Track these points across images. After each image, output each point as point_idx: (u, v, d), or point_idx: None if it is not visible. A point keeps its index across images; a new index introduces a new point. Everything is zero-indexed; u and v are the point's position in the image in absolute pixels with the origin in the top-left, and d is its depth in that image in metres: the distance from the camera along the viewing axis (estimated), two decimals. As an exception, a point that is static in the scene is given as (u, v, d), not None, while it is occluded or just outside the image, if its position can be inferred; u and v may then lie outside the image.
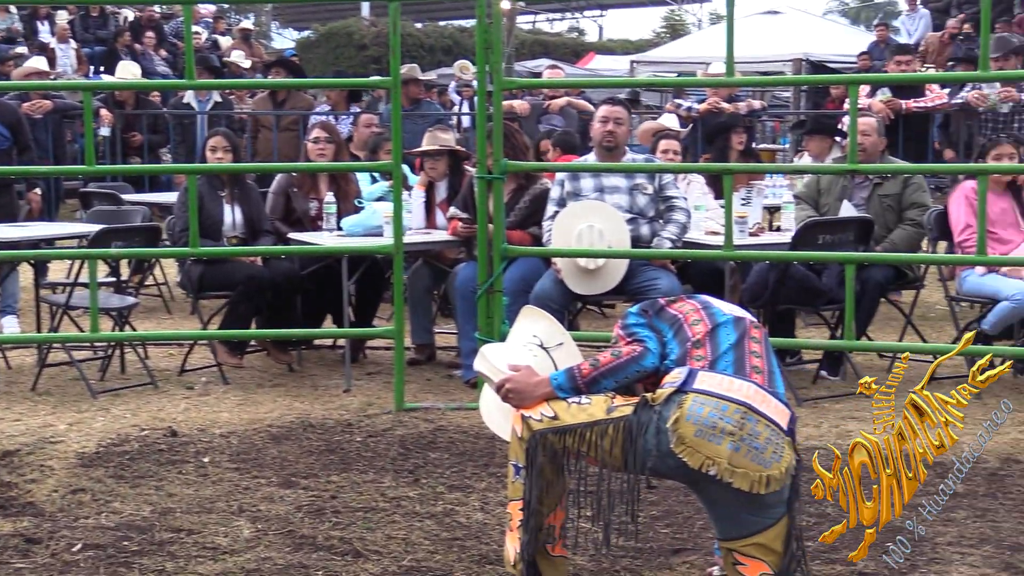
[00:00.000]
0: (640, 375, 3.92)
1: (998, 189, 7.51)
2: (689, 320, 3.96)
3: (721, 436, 3.65)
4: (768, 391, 3.77)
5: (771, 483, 3.67)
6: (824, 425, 6.51)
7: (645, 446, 3.72)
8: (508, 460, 3.98)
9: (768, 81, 17.30)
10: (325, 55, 30.71)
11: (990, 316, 7.37)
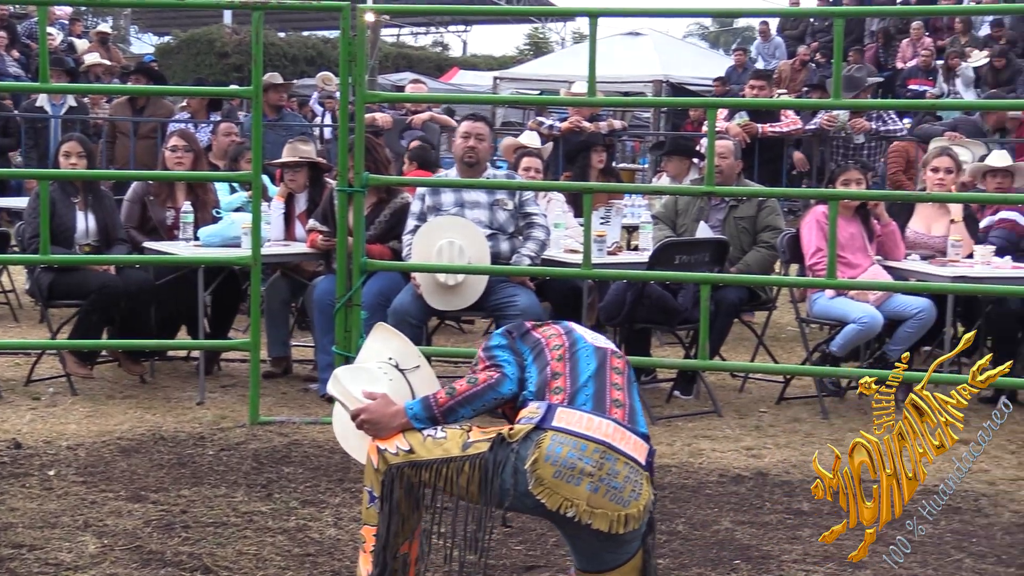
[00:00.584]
0: (498, 402, 3.91)
1: (848, 214, 7.70)
2: (551, 345, 3.95)
3: (580, 477, 3.63)
4: (627, 427, 3.78)
5: (629, 522, 3.69)
6: (677, 443, 6.60)
7: (503, 485, 3.69)
8: (364, 484, 3.95)
9: (629, 102, 17.55)
10: (186, 62, 30.27)
11: (838, 338, 7.55)
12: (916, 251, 8.07)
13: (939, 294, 7.45)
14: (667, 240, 7.69)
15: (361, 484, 4.01)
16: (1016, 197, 8.46)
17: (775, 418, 7.27)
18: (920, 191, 8.58)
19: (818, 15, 19.85)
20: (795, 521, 5.29)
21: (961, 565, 4.79)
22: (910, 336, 7.62)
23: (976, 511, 5.52)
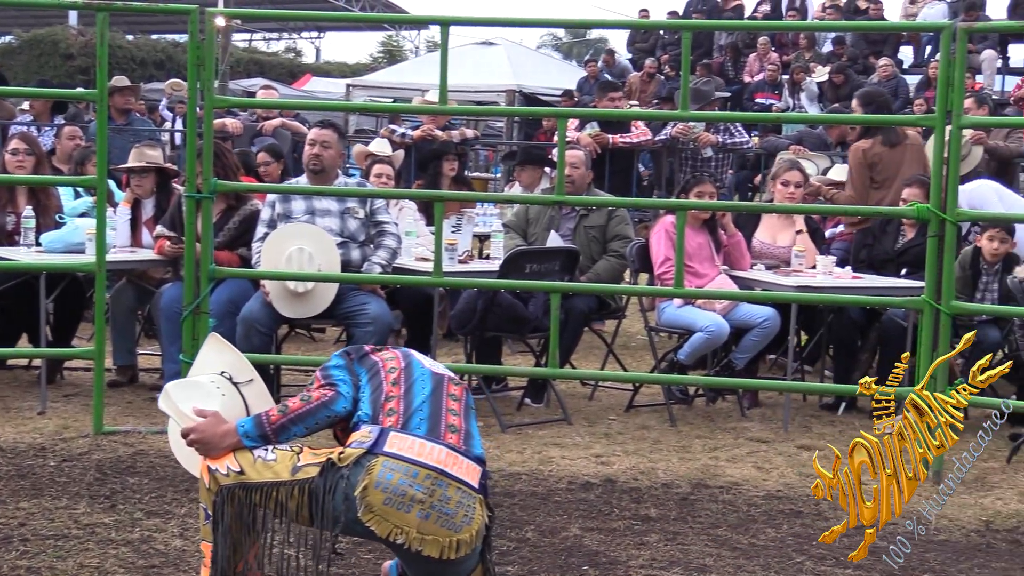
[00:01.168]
0: (331, 420, 3.89)
1: (696, 225, 7.84)
2: (387, 368, 3.95)
3: (411, 504, 3.63)
4: (461, 451, 3.79)
5: (461, 547, 3.70)
6: (527, 451, 6.63)
7: (334, 511, 3.67)
8: (200, 501, 3.90)
9: (481, 111, 17.59)
10: (28, 63, 29.53)
11: (686, 347, 7.67)
12: (762, 261, 8.24)
13: (783, 303, 7.61)
14: (518, 249, 7.73)
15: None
16: (858, 209, 8.70)
17: (624, 425, 7.36)
18: (767, 202, 8.76)
19: (667, 28, 20.14)
20: (642, 527, 5.35)
21: (802, 567, 4.89)
22: (755, 344, 7.79)
23: (816, 515, 5.64)
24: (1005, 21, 17.91)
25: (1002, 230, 7.69)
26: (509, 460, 6.43)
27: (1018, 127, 11.03)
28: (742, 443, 6.99)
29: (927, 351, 6.29)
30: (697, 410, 7.84)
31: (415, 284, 7.57)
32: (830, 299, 7.62)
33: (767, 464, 6.52)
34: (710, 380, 7.69)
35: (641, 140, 12.21)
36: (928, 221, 6.35)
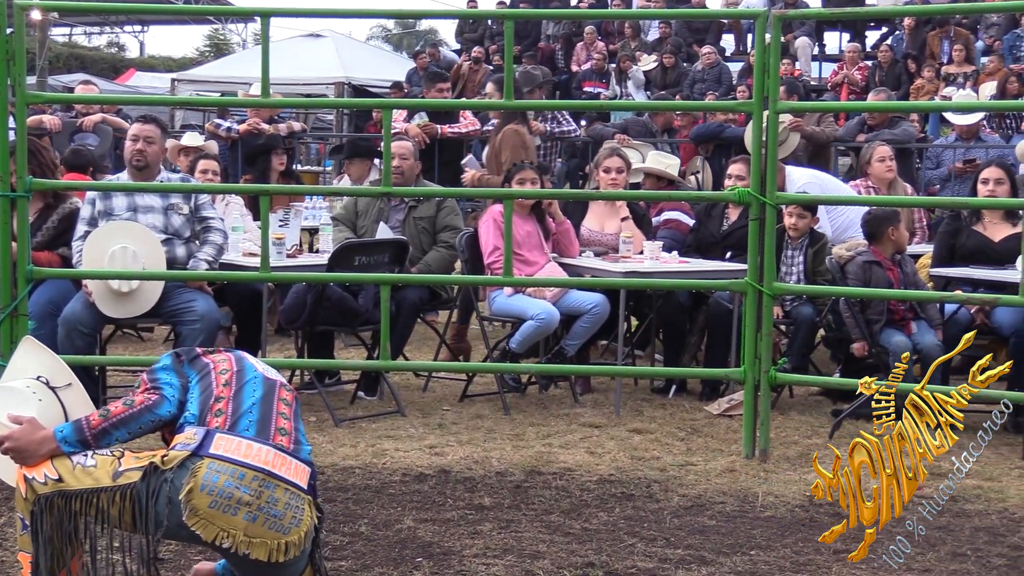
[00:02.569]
0: (155, 424, 3.80)
1: (523, 213, 7.88)
2: (218, 369, 3.88)
3: (237, 506, 3.57)
4: (289, 453, 3.74)
5: (290, 549, 3.66)
6: (361, 444, 6.60)
7: (157, 516, 3.59)
8: (16, 511, 3.78)
9: (306, 103, 17.41)
10: None
11: (517, 335, 7.72)
12: (590, 248, 8.32)
13: (612, 289, 7.71)
14: (346, 242, 7.68)
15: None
16: (680, 194, 8.86)
17: (458, 416, 7.36)
18: (593, 190, 8.85)
19: (492, 17, 20.21)
20: (476, 516, 5.36)
21: (633, 549, 4.96)
22: (586, 331, 7.87)
23: (648, 497, 5.73)
24: (818, 9, 18.39)
25: (799, 206, 7.89)
26: (343, 454, 6.38)
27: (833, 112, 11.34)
28: (575, 429, 7.05)
29: (751, 332, 6.43)
30: (530, 398, 7.89)
31: (243, 280, 7.46)
32: (658, 284, 7.75)
33: (600, 449, 6.60)
34: (542, 367, 7.74)
35: (470, 130, 12.22)
36: (749, 205, 6.48)
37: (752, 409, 6.44)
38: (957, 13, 18.64)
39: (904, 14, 19.26)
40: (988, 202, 7.68)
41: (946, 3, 10.83)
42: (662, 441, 6.80)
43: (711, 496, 5.74)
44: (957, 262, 7.67)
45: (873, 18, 20.79)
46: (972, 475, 6.11)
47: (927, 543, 5.07)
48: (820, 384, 7.82)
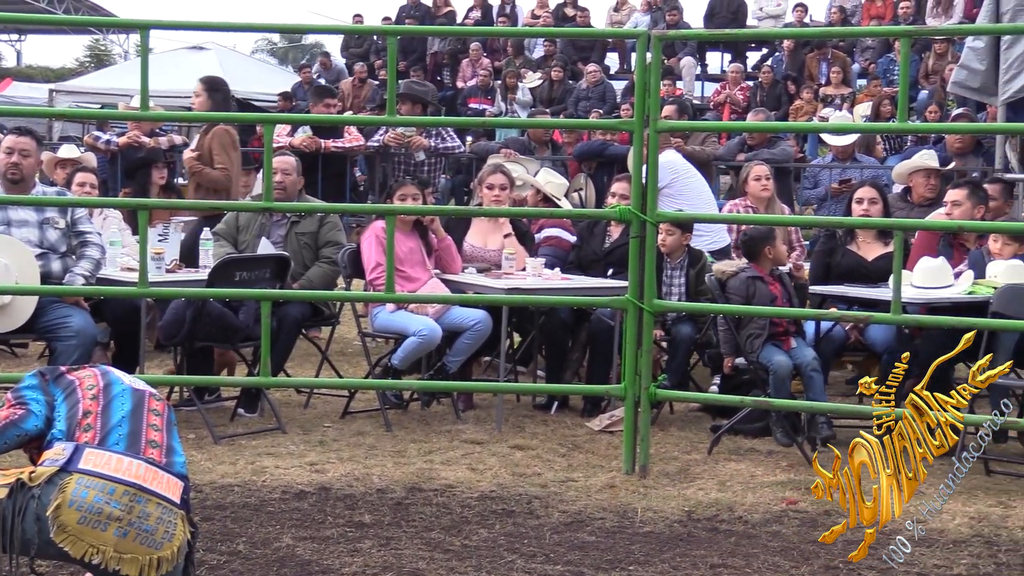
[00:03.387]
0: (21, 440, 3.73)
1: (406, 229, 7.87)
2: (84, 385, 3.82)
3: (107, 522, 3.52)
4: (162, 467, 3.69)
5: (162, 564, 3.61)
6: (240, 462, 6.52)
7: (24, 534, 3.52)
8: None
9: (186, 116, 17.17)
10: None
11: (399, 351, 7.70)
12: (473, 264, 8.33)
13: (495, 305, 7.73)
14: (227, 257, 7.60)
15: None
16: (562, 212, 8.93)
17: (340, 432, 7.32)
18: (476, 206, 8.87)
19: (376, 33, 20.18)
20: (356, 534, 5.33)
21: (513, 566, 4.97)
22: (468, 347, 7.88)
23: (528, 513, 5.74)
24: (699, 30, 18.67)
25: (668, 223, 7.97)
26: (221, 472, 6.31)
27: (713, 131, 11.52)
28: (457, 445, 7.05)
29: (632, 348, 6.49)
30: (412, 414, 7.87)
31: (120, 295, 7.33)
32: (540, 300, 7.78)
33: (481, 465, 6.60)
34: (424, 384, 7.73)
35: (354, 145, 12.19)
36: (630, 222, 6.55)
37: (632, 425, 6.49)
38: (833, 36, 19.08)
39: (783, 36, 19.66)
40: (862, 222, 7.84)
41: (823, 27, 11.03)
42: (543, 457, 6.83)
43: (591, 512, 5.78)
44: (833, 280, 7.82)
45: (754, 40, 21.18)
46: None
47: (802, 557, 5.16)
48: (699, 400, 7.91)
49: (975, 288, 7.18)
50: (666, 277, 8.08)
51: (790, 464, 6.76)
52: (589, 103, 18.25)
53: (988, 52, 11.27)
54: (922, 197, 8.85)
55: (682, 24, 19.82)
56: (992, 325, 6.68)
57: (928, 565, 5.09)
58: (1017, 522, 5.66)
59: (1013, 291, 6.96)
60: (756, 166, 9.20)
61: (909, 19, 18.33)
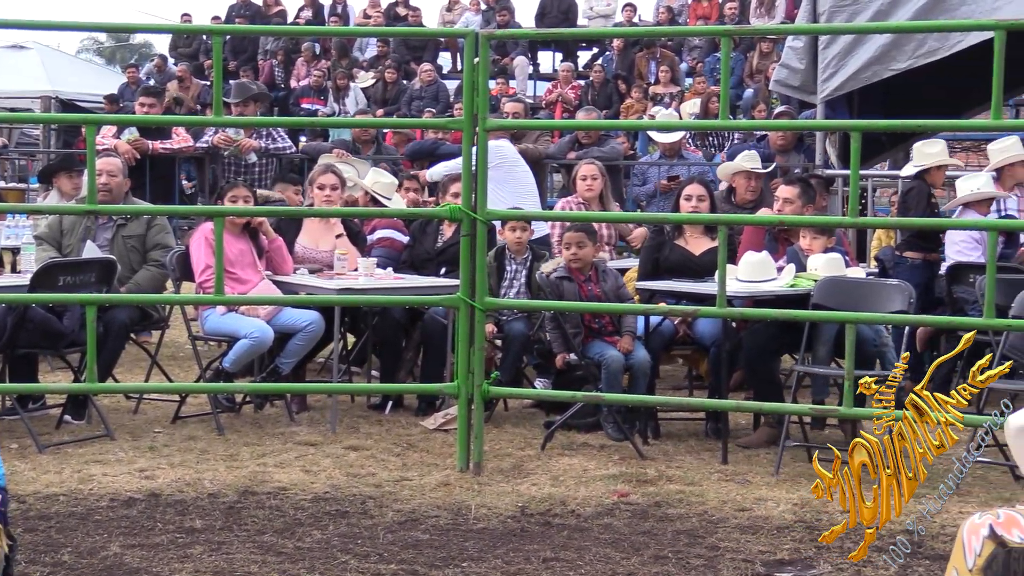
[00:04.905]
0: None
1: (235, 230, 7.78)
2: None
3: None
4: None
5: None
6: (66, 470, 6.37)
7: None
8: None
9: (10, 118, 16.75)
10: None
11: (231, 354, 7.61)
12: (305, 265, 8.27)
13: (327, 306, 7.69)
14: (49, 261, 7.41)
15: None
16: (393, 211, 8.92)
17: (170, 437, 7.20)
18: (308, 206, 8.80)
19: (205, 32, 19.88)
20: (187, 540, 5.26)
21: (347, 567, 4.96)
22: (301, 348, 7.82)
23: (362, 513, 5.73)
24: (528, 29, 18.83)
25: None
26: (46, 481, 6.15)
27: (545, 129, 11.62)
28: (291, 447, 7.00)
29: (464, 346, 6.52)
30: (245, 417, 7.79)
31: (-63, 302, 7.10)
32: (372, 300, 7.77)
33: (315, 467, 6.56)
34: (257, 387, 7.66)
35: (182, 147, 12.00)
36: (461, 221, 6.58)
37: (466, 423, 6.52)
38: (661, 36, 19.43)
39: (612, 35, 19.92)
40: (689, 218, 7.99)
41: (651, 26, 11.23)
42: (378, 457, 6.82)
43: (425, 510, 5.79)
44: (661, 275, 7.96)
45: (583, 39, 21.42)
46: (675, 480, 6.36)
47: (632, 548, 5.25)
48: (532, 397, 7.99)
49: (797, 281, 7.38)
50: (508, 273, 8.13)
51: (622, 458, 6.87)
52: (422, 103, 18.25)
53: (807, 51, 11.61)
54: (743, 199, 9.06)
55: (513, 24, 19.95)
56: (813, 317, 6.90)
57: (753, 551, 5.23)
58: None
59: (833, 283, 7.19)
60: (583, 165, 9.30)
61: (734, 19, 18.75)
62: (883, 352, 7.28)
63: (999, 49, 5.86)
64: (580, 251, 7.54)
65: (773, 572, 4.97)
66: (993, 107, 6.02)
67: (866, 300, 7.02)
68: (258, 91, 12.04)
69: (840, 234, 8.30)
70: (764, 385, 7.32)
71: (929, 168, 8.86)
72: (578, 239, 7.54)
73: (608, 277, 7.67)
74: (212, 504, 5.82)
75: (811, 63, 11.53)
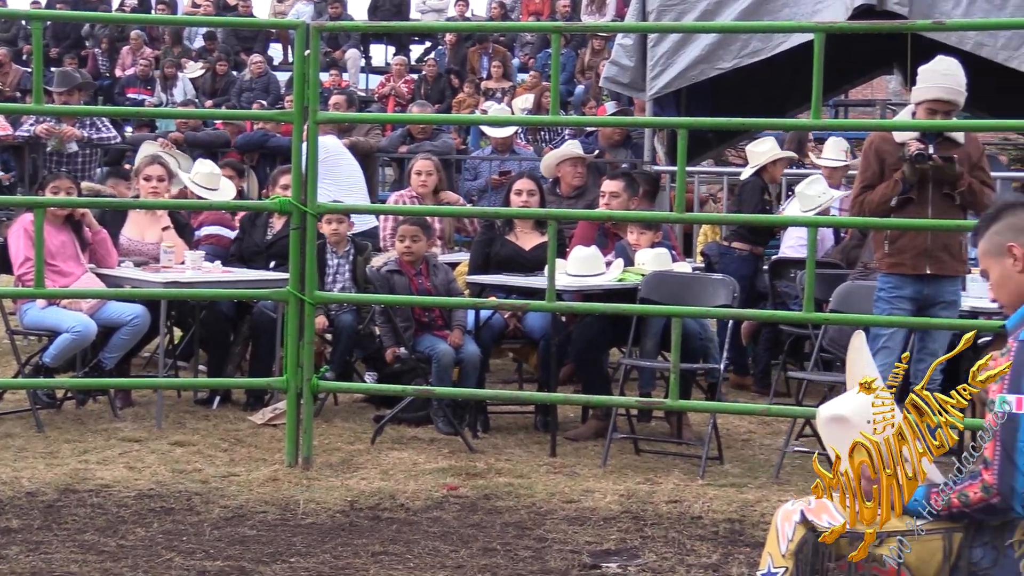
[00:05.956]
0: None
1: (57, 222, 7.57)
2: None
3: None
4: None
5: None
6: None
7: None
8: None
9: None
10: None
11: (51, 348, 7.40)
12: (130, 258, 8.10)
13: (153, 300, 7.54)
14: None
15: None
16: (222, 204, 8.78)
17: (-12, 435, 6.99)
18: (134, 198, 8.59)
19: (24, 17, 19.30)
20: (3, 540, 5.11)
21: (171, 564, 4.87)
22: (125, 343, 7.66)
23: (188, 510, 5.64)
24: (358, 22, 18.75)
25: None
26: None
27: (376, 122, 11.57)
28: (114, 444, 6.84)
29: (294, 340, 6.46)
30: (66, 414, 7.59)
31: None
32: (200, 294, 7.66)
33: (139, 463, 6.43)
34: (79, 382, 7.47)
35: (1, 135, 11.63)
36: (291, 214, 6.51)
37: (295, 417, 6.47)
38: (493, 31, 19.54)
39: (445, 30, 19.94)
40: (519, 212, 8.04)
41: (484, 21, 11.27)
42: (205, 453, 6.71)
43: (253, 506, 5.72)
44: (492, 269, 8.00)
45: (416, 33, 21.39)
46: (504, 473, 6.40)
47: (461, 540, 5.27)
48: (362, 391, 7.97)
49: (625, 275, 7.50)
50: (330, 268, 8.08)
51: (451, 451, 6.88)
52: (252, 94, 17.98)
53: (636, 49, 11.76)
54: (570, 187, 9.15)
55: (345, 16, 19.82)
56: (640, 311, 7.01)
57: (580, 542, 5.30)
58: (662, 497, 5.95)
59: (659, 278, 7.33)
60: (420, 160, 9.28)
61: (566, 16, 18.93)
62: (707, 346, 7.45)
63: (819, 51, 6.03)
64: (414, 245, 7.55)
65: (600, 562, 5.04)
66: (813, 107, 6.20)
67: (692, 294, 7.17)
68: (82, 80, 11.70)
69: (667, 229, 8.45)
70: (592, 378, 7.42)
71: (765, 165, 9.08)
72: (413, 232, 7.55)
73: (439, 271, 7.68)
74: (30, 503, 5.66)
75: (640, 61, 11.69)
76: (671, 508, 5.80)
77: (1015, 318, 3.34)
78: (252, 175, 12.96)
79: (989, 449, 3.15)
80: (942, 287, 6.53)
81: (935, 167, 6.37)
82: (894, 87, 19.62)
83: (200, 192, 8.58)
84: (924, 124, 6.42)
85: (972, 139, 6.72)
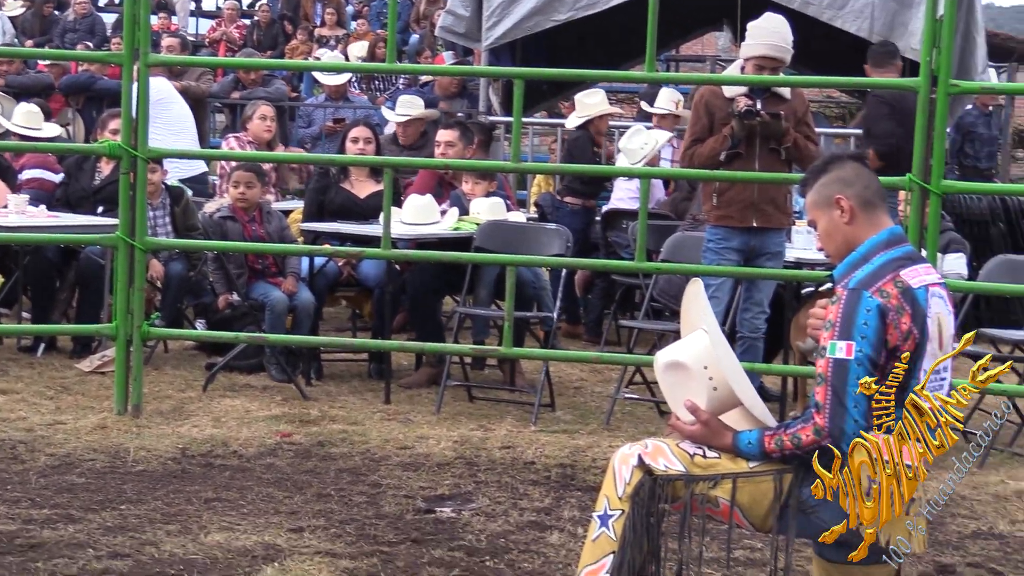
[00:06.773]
0: None
1: None
2: None
3: None
4: None
5: None
6: None
7: None
8: None
9: None
10: None
11: None
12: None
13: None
14: None
15: None
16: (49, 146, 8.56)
17: None
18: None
19: None
20: None
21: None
22: (-55, 289, 7.43)
23: (13, 459, 5.52)
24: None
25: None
26: None
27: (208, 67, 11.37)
28: (-67, 393, 6.66)
29: (123, 287, 6.34)
30: None
31: None
32: (24, 239, 7.47)
33: (-39, 412, 6.27)
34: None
35: None
36: (121, 158, 6.38)
37: (124, 365, 6.36)
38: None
39: (278, -26, 19.60)
40: (355, 159, 8.00)
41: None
42: (29, 401, 6.56)
43: (80, 454, 5.63)
44: (326, 217, 7.95)
45: (249, -23, 21.00)
46: (338, 420, 6.40)
47: (295, 487, 5.27)
48: (193, 338, 7.87)
49: (460, 224, 7.53)
50: (151, 219, 7.92)
51: (284, 399, 6.85)
52: (76, 35, 17.46)
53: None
54: (410, 139, 9.16)
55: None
56: (475, 259, 7.06)
57: (415, 487, 5.34)
58: (495, 443, 6.02)
59: (494, 227, 7.38)
60: (262, 106, 9.13)
61: (400, -36, 18.78)
62: (541, 295, 7.53)
63: (653, 5, 6.12)
64: (249, 191, 7.46)
65: (434, 507, 5.09)
66: (648, 60, 6.30)
67: (526, 244, 7.24)
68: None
69: (502, 179, 8.50)
70: (426, 326, 7.45)
71: (592, 118, 9.18)
72: (247, 179, 7.47)
73: (272, 218, 7.62)
74: None
75: (476, 11, 11.68)
76: (504, 454, 5.87)
77: (842, 267, 3.45)
78: (78, 118, 12.65)
79: (820, 393, 3.27)
80: (768, 239, 6.71)
81: (762, 122, 6.53)
82: (724, 43, 19.98)
83: (23, 133, 8.34)
84: (752, 79, 6.57)
85: (798, 95, 6.90)
